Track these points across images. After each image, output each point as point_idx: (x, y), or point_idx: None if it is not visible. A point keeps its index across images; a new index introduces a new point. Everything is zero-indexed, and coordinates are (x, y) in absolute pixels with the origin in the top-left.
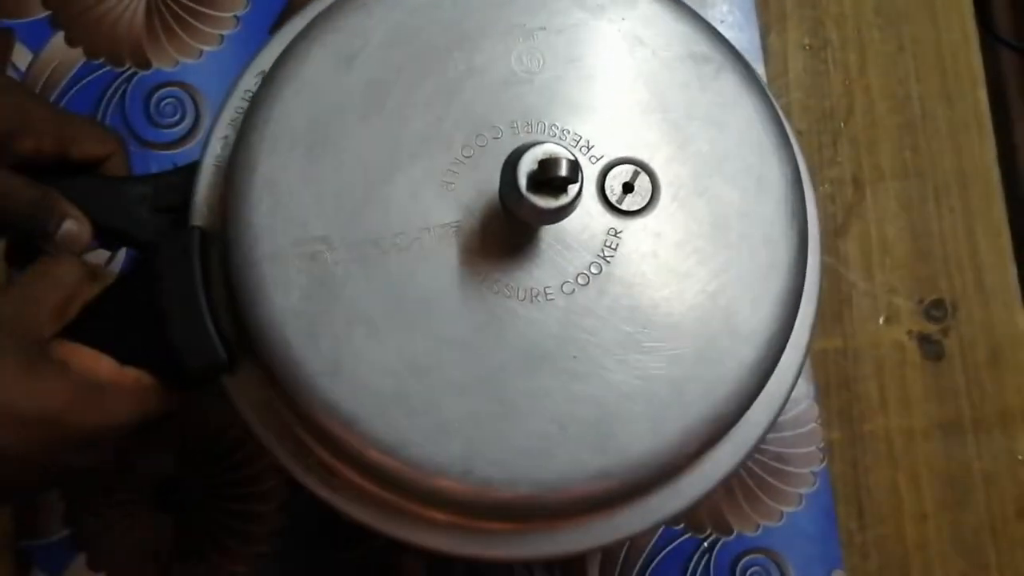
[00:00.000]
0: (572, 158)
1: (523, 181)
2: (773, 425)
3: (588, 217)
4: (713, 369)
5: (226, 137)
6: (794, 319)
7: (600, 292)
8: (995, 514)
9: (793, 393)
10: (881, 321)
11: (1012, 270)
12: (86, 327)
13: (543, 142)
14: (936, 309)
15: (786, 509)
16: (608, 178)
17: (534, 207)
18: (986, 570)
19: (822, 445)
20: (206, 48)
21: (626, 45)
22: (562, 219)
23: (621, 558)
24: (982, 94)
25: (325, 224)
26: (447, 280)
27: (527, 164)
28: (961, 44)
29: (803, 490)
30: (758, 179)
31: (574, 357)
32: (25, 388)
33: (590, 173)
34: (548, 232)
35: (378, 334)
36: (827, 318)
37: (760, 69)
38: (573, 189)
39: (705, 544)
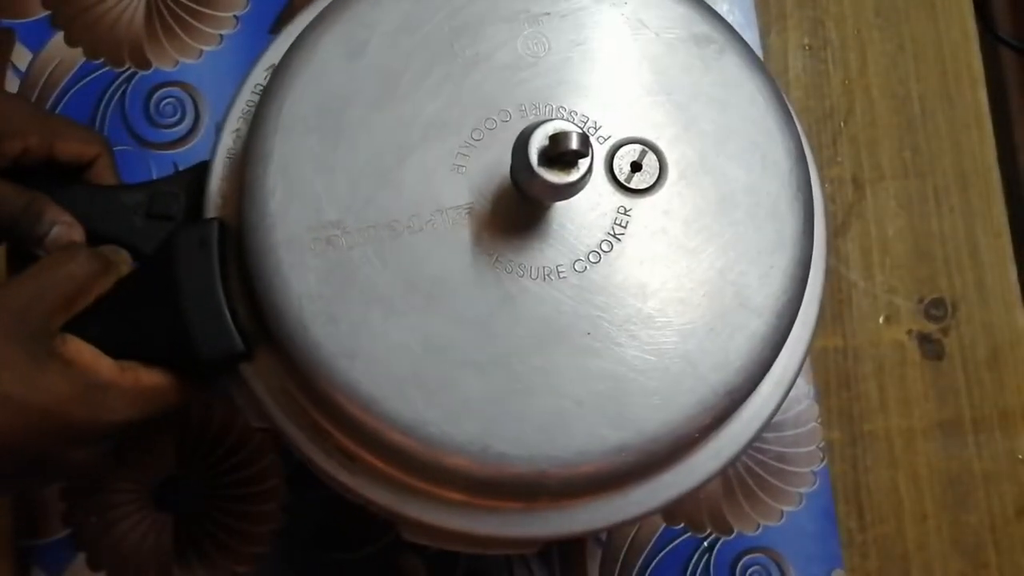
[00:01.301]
0: (582, 132)
1: (535, 157)
2: (783, 401)
3: (597, 196)
4: (725, 342)
5: (237, 130)
6: (803, 291)
7: (611, 269)
8: (995, 514)
9: (793, 392)
10: (881, 320)
11: (1012, 270)
12: (101, 318)
13: (553, 119)
14: (936, 308)
15: (786, 508)
16: (616, 158)
17: (546, 183)
18: (986, 570)
19: (822, 444)
20: (206, 48)
21: (629, 28)
22: (573, 195)
23: (621, 557)
24: (982, 94)
25: (339, 209)
26: (461, 261)
27: (538, 140)
28: (961, 44)
29: (803, 489)
30: (763, 156)
31: (588, 334)
32: (29, 379)
33: (598, 153)
34: (558, 212)
35: (394, 315)
36: (827, 317)
37: None
38: (584, 164)
39: (705, 543)
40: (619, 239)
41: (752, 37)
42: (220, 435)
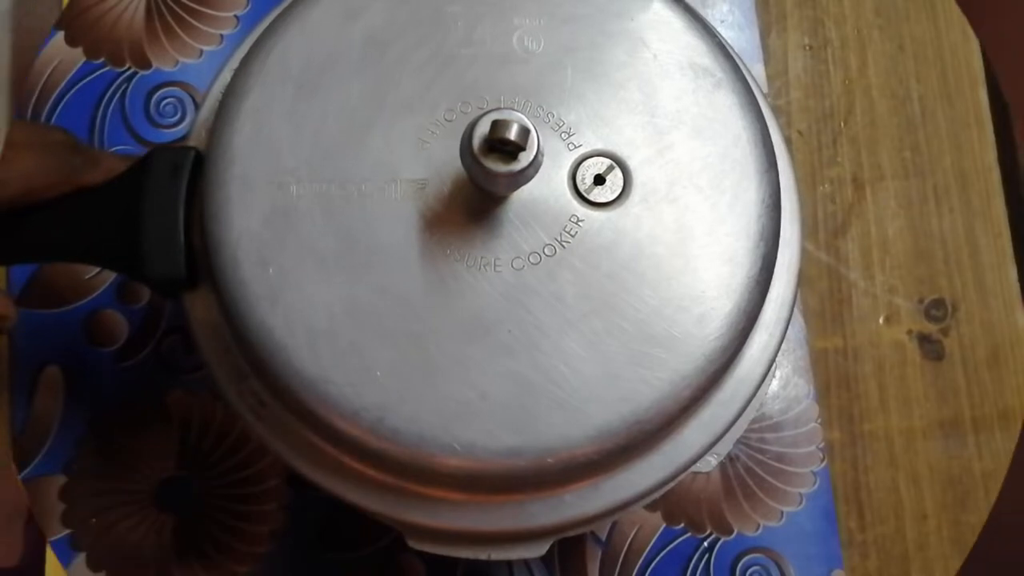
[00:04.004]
0: (526, 125)
1: (477, 142)
2: (705, 451)
3: (554, 200)
4: (644, 374)
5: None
6: (741, 343)
7: (549, 274)
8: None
9: (793, 392)
10: (881, 321)
11: (1012, 270)
12: (68, 216)
13: (503, 108)
14: (936, 309)
15: (786, 509)
16: (581, 167)
17: (484, 170)
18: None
19: (822, 445)
20: (206, 48)
21: (629, 44)
22: (516, 187)
23: (621, 557)
24: (982, 93)
25: (297, 159)
26: (401, 234)
27: (482, 126)
28: (961, 44)
29: (803, 490)
30: (732, 198)
31: (509, 331)
32: None
33: (565, 159)
34: (512, 208)
35: (324, 272)
36: (827, 317)
37: (760, 69)
38: (525, 157)
39: (705, 544)
40: (564, 246)
41: (752, 37)
42: (220, 435)
